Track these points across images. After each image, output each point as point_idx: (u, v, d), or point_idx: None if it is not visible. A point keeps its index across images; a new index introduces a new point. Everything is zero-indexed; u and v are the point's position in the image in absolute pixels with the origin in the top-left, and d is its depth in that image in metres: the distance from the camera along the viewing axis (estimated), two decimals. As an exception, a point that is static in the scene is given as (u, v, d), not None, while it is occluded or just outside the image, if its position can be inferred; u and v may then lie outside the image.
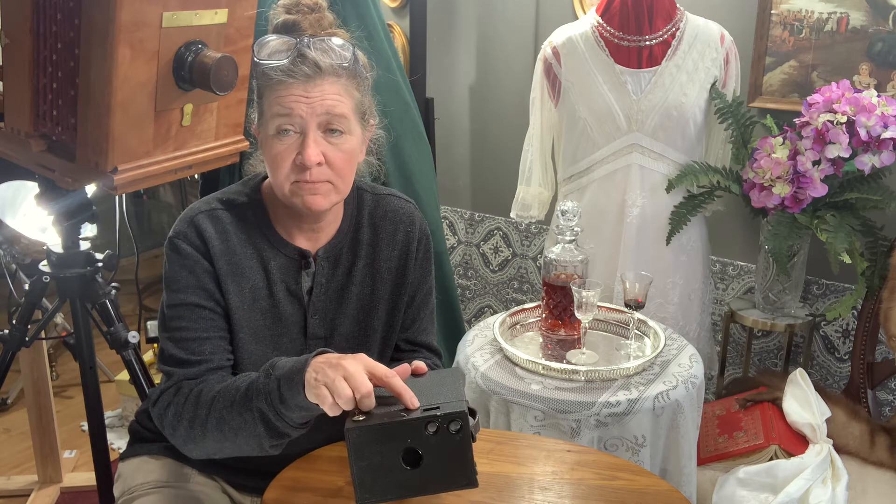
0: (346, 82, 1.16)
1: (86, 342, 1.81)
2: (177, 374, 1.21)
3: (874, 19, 2.18)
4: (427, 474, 0.99)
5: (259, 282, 1.24)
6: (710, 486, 1.85)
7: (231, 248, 1.23)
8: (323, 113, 1.14)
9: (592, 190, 2.21)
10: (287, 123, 1.14)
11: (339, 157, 1.17)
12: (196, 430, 1.14)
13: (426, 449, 0.98)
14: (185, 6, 1.41)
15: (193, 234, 1.22)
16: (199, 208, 1.25)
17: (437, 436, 0.98)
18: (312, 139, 1.14)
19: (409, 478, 0.99)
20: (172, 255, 1.23)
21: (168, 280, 1.23)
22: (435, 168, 2.57)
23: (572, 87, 2.16)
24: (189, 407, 1.16)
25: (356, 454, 0.98)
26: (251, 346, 1.25)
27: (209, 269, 1.22)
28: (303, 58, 1.13)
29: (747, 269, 2.57)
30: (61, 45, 1.41)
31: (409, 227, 1.33)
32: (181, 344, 1.21)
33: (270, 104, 1.15)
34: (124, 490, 1.35)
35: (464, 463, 0.99)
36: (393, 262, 1.32)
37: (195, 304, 1.21)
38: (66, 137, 1.46)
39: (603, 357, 1.80)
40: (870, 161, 1.97)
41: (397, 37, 3.06)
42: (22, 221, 1.99)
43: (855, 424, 1.97)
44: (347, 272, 1.30)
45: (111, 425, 2.78)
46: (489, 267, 3.21)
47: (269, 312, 1.26)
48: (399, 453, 0.98)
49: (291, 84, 1.13)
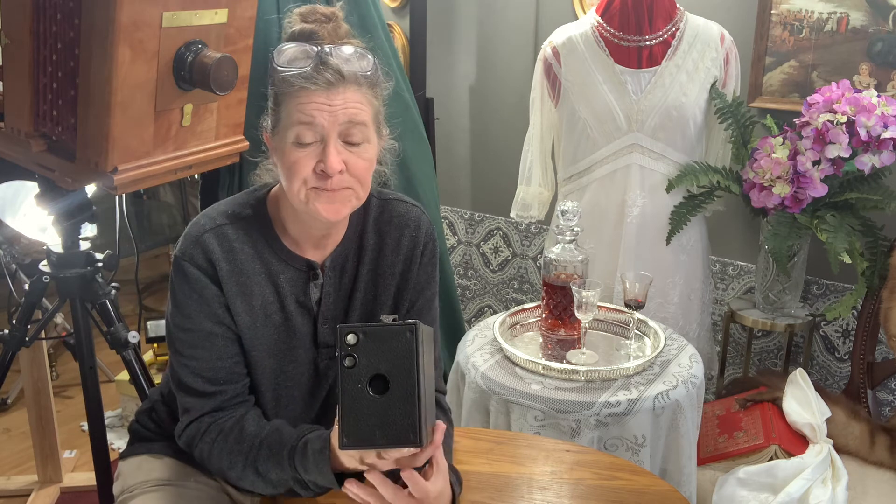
0: (366, 91, 1.15)
1: (86, 342, 1.81)
2: (194, 409, 1.23)
3: (874, 19, 2.18)
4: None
5: (269, 297, 1.24)
6: (710, 486, 1.85)
7: (239, 266, 1.22)
8: (345, 121, 1.12)
9: (592, 190, 2.20)
10: (308, 131, 1.12)
11: (360, 165, 1.15)
12: (226, 475, 1.22)
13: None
14: (185, 6, 1.41)
15: (200, 256, 1.20)
16: (206, 226, 1.22)
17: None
18: (334, 147, 1.12)
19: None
20: (179, 278, 1.21)
21: (176, 302, 1.22)
22: (435, 168, 2.57)
23: (572, 87, 2.16)
24: (215, 459, 1.21)
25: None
26: (266, 360, 1.25)
27: (217, 293, 1.21)
28: (325, 65, 1.11)
29: (747, 269, 2.57)
30: (61, 45, 1.41)
31: (414, 231, 1.31)
32: (196, 372, 1.22)
33: (290, 112, 1.13)
34: (124, 488, 1.35)
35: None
36: (397, 266, 1.31)
37: (206, 332, 1.21)
38: (66, 137, 1.46)
39: (603, 357, 1.80)
40: (870, 161, 1.96)
41: (397, 37, 3.06)
42: (22, 221, 1.98)
43: (855, 424, 1.97)
44: (352, 279, 1.29)
45: (111, 425, 2.78)
46: (489, 267, 3.21)
47: (282, 326, 1.25)
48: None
49: (313, 91, 1.11)
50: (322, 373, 1.30)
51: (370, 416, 0.98)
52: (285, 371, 1.27)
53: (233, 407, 1.24)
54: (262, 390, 1.27)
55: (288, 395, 1.29)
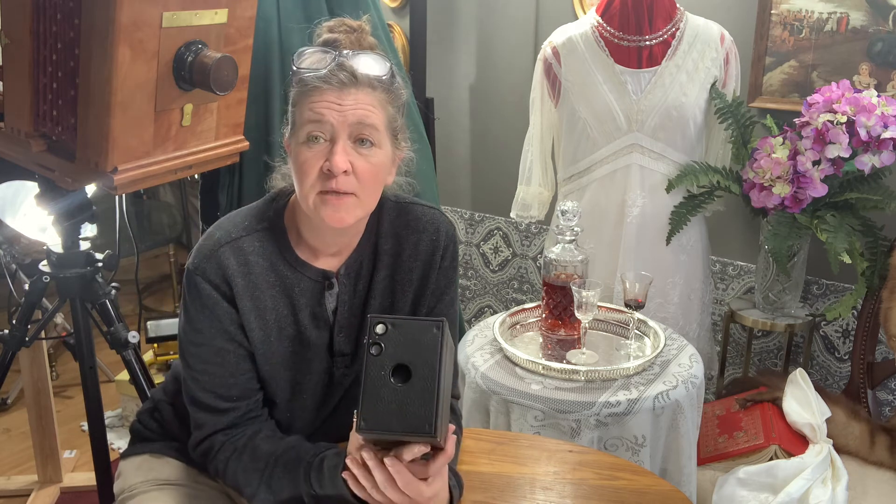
0: (380, 95, 1.15)
1: (86, 342, 1.81)
2: (207, 426, 1.22)
3: (874, 19, 2.18)
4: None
5: (283, 310, 1.23)
6: (710, 486, 1.85)
7: (253, 281, 1.20)
8: (355, 122, 1.12)
9: (592, 190, 2.20)
10: (317, 130, 1.12)
11: (366, 169, 1.14)
12: (241, 492, 1.22)
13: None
14: (185, 6, 1.41)
15: (215, 271, 1.19)
16: (222, 240, 1.20)
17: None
18: (341, 147, 1.12)
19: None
20: (192, 293, 1.20)
21: (188, 316, 1.21)
22: (435, 168, 2.57)
23: (572, 87, 2.16)
24: (230, 476, 1.21)
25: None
26: (280, 373, 1.25)
27: (230, 311, 1.20)
28: (340, 66, 1.12)
29: (747, 269, 2.57)
30: (61, 45, 1.41)
31: (433, 235, 1.29)
32: (207, 388, 1.21)
33: (303, 111, 1.13)
34: (124, 487, 1.35)
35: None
36: (416, 272, 1.28)
37: (218, 348, 1.20)
38: (66, 137, 1.46)
39: (603, 357, 1.80)
40: (870, 161, 1.97)
41: (397, 37, 3.06)
42: (22, 221, 1.98)
43: (855, 424, 1.97)
44: (367, 285, 1.27)
45: (111, 425, 2.78)
46: (489, 267, 3.22)
47: (296, 339, 1.24)
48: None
49: (325, 90, 1.11)
50: (337, 381, 1.29)
51: (390, 404, 1.00)
52: (300, 382, 1.26)
53: (246, 423, 1.23)
54: (277, 402, 1.27)
55: (301, 405, 1.28)
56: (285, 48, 2.04)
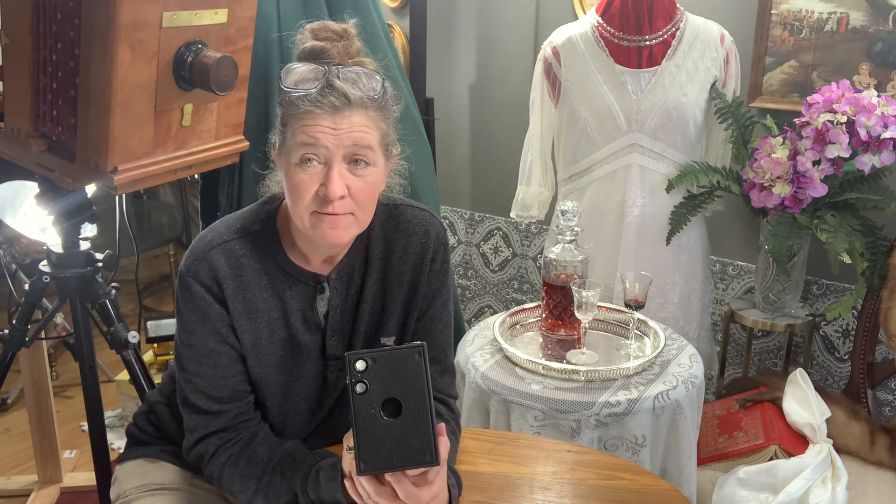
0: (373, 114, 1.13)
1: (86, 342, 1.81)
2: (199, 428, 1.23)
3: (874, 19, 2.18)
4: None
5: (274, 313, 1.23)
6: (710, 486, 1.85)
7: (245, 283, 1.20)
8: (350, 145, 1.10)
9: (592, 190, 2.21)
10: (312, 153, 1.10)
11: (362, 189, 1.13)
12: (237, 497, 1.22)
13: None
14: (185, 6, 1.41)
15: (206, 273, 1.19)
16: (214, 241, 1.20)
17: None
18: (337, 172, 1.10)
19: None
20: (184, 295, 1.20)
21: (181, 318, 1.21)
22: (435, 168, 2.57)
23: (572, 88, 2.16)
24: (226, 482, 1.22)
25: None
26: (272, 376, 1.25)
27: (222, 312, 1.20)
28: (331, 88, 1.09)
29: (747, 269, 2.57)
30: (61, 45, 1.41)
31: (423, 237, 1.28)
32: (199, 389, 1.22)
33: (295, 132, 1.11)
34: (120, 493, 1.34)
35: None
36: (405, 275, 1.28)
37: (210, 349, 1.21)
38: (66, 137, 1.46)
39: (603, 357, 1.80)
40: (870, 161, 1.97)
41: (397, 37, 3.06)
42: (22, 221, 1.98)
43: (855, 424, 1.97)
44: (359, 289, 1.27)
45: (111, 425, 2.78)
46: (489, 267, 3.21)
47: (288, 342, 1.24)
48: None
49: (319, 115, 1.09)
50: (331, 384, 1.29)
51: (386, 440, 0.99)
52: (292, 385, 1.26)
53: (238, 427, 1.24)
54: (269, 405, 1.27)
55: (295, 408, 1.28)
56: (285, 48, 2.04)
